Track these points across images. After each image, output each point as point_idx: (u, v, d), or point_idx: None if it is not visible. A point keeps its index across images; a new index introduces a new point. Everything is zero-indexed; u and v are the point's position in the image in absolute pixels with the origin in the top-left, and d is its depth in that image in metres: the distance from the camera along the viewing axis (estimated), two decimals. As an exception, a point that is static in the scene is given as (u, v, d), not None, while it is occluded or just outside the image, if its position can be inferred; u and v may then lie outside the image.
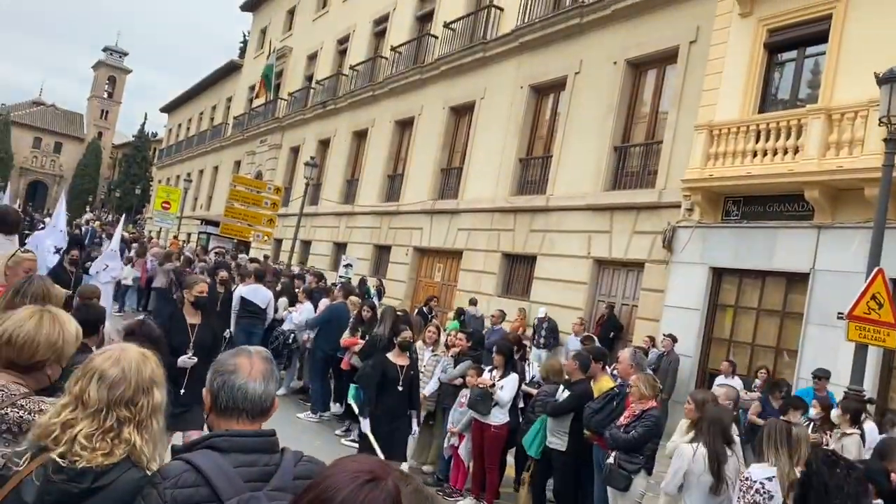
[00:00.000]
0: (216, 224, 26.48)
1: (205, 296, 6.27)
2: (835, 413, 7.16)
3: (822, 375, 9.12)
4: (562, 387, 6.69)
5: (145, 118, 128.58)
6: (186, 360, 5.77)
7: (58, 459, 1.97)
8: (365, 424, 6.75)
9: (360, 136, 25.77)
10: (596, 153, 14.92)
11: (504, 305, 15.76)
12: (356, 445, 8.98)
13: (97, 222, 33.37)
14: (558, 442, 6.59)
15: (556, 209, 15.67)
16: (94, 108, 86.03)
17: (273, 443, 2.13)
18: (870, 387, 8.89)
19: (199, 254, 21.82)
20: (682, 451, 4.96)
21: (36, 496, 1.94)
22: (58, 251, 9.24)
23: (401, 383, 6.94)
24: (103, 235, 22.93)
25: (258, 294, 11.46)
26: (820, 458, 3.58)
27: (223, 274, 11.32)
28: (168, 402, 2.20)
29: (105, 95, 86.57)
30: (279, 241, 27.72)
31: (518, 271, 16.93)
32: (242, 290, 11.49)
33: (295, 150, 30.65)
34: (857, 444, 6.64)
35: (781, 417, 6.81)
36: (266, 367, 2.18)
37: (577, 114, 15.81)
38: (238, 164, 36.84)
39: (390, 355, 7.17)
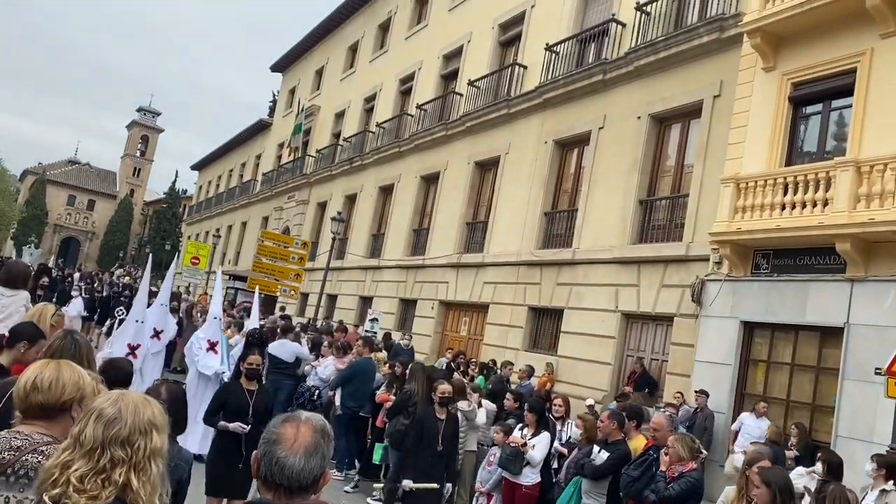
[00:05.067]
0: (244, 279, 26.73)
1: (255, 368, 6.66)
2: (869, 467, 6.91)
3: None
4: (596, 447, 6.54)
5: (176, 175, 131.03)
6: (238, 426, 5.96)
7: (48, 502, 1.96)
8: (407, 482, 6.62)
9: (386, 191, 26.09)
10: (621, 206, 14.93)
11: (531, 360, 15.60)
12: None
13: (126, 277, 34.01)
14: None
15: (582, 262, 15.62)
16: (127, 167, 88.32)
17: None
18: (913, 445, 8.59)
19: (225, 308, 21.98)
20: None
21: None
22: (156, 334, 8.64)
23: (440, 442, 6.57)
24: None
25: (284, 349, 11.48)
26: None
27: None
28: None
29: (138, 154, 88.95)
30: (306, 296, 27.88)
31: (545, 325, 16.80)
32: (269, 346, 11.50)
33: (322, 206, 31.07)
34: None
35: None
36: (312, 440, 2.01)
37: (601, 168, 15.88)
38: (266, 219, 37.41)
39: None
